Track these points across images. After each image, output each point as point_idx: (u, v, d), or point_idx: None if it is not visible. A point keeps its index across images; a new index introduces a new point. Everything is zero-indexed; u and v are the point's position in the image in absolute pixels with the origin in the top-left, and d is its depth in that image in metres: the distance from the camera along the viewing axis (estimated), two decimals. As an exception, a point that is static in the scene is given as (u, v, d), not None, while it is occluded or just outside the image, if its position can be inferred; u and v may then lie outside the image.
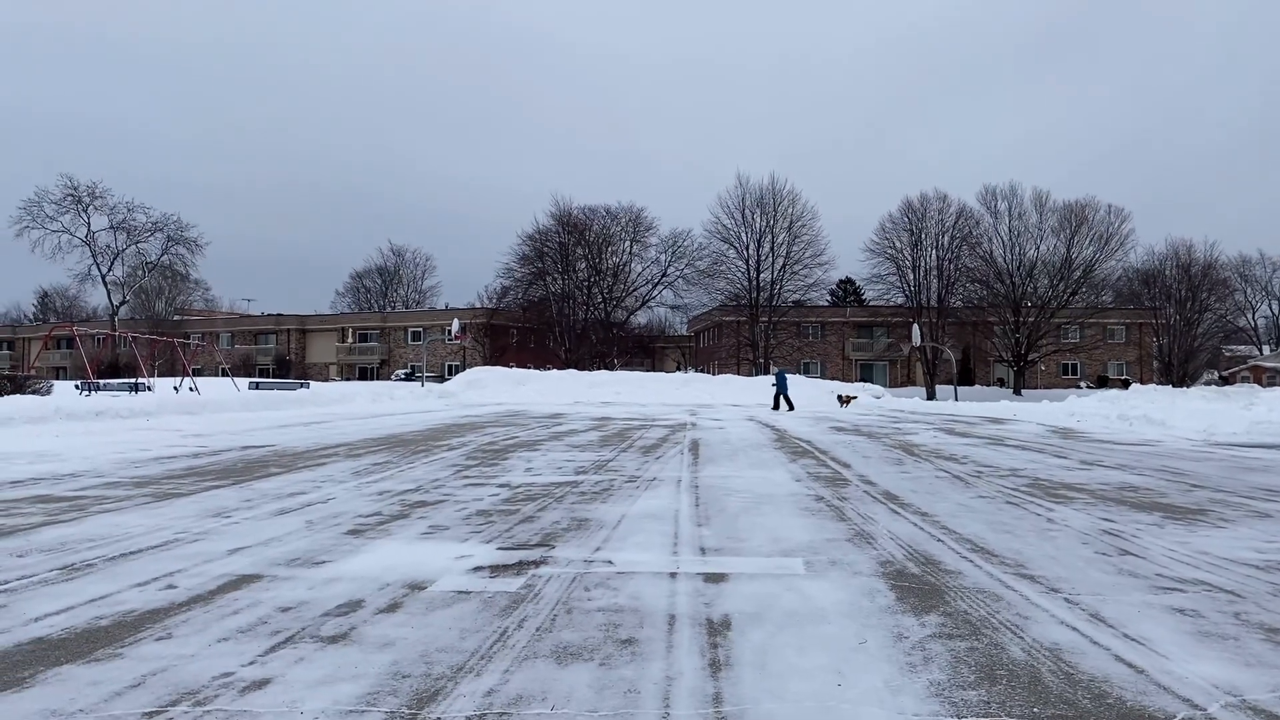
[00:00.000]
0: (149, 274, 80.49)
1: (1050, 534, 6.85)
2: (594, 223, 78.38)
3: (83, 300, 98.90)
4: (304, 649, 3.91)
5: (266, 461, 12.06)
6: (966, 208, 70.50)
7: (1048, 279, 71.47)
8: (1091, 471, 11.30)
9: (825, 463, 12.35)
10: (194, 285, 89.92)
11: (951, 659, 3.79)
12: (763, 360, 69.45)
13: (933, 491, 9.34)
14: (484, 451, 13.85)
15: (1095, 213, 70.53)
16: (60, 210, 73.86)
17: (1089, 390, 52.57)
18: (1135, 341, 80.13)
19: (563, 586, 5.07)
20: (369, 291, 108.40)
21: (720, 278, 73.94)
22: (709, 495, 8.95)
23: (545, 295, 77.49)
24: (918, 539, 6.60)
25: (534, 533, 6.80)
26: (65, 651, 3.87)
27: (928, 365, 68.53)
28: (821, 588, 5.05)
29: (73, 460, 11.95)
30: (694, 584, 5.14)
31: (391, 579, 5.25)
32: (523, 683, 3.49)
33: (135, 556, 5.84)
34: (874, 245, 71.71)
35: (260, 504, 8.19)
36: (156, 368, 51.61)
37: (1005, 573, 5.48)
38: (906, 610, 4.57)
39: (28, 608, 4.57)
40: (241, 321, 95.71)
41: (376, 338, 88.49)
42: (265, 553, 6.00)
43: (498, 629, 4.22)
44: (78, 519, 7.31)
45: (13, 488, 9.23)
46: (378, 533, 6.80)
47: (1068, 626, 4.30)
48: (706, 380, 49.65)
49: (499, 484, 9.80)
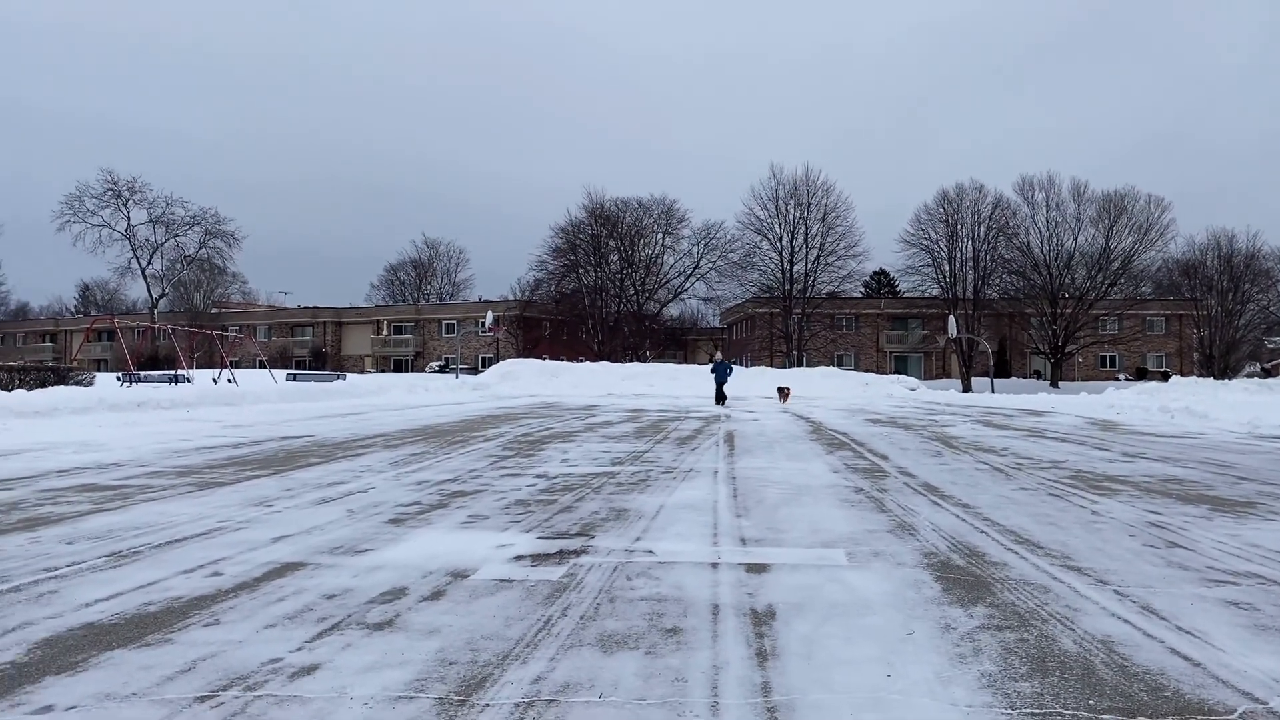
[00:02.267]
0: (187, 267, 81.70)
1: (1096, 526, 6.75)
2: (626, 215, 78.47)
3: (123, 293, 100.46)
4: (350, 635, 3.93)
5: (306, 452, 12.17)
6: (1003, 198, 69.86)
7: (1086, 270, 70.64)
8: (1134, 464, 11.14)
9: (862, 454, 12.27)
10: (232, 278, 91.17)
11: (1002, 650, 3.74)
12: (796, 352, 69.17)
13: (973, 483, 9.25)
14: (520, 442, 13.89)
15: (1134, 203, 69.63)
16: (101, 205, 75.24)
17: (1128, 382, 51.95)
18: (1175, 333, 78.93)
19: (604, 576, 5.07)
20: (403, 284, 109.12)
21: (753, 269, 73.74)
22: (747, 486, 8.92)
23: (578, 288, 77.62)
24: (960, 530, 6.53)
25: (573, 522, 6.80)
26: (116, 636, 3.91)
27: (963, 357, 67.93)
28: (865, 579, 5.01)
29: (116, 450, 12.12)
30: (736, 574, 5.12)
31: (434, 567, 5.26)
32: (569, 670, 3.48)
33: (181, 544, 5.90)
34: (909, 236, 71.26)
35: (301, 493, 8.26)
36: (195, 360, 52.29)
37: (1052, 564, 5.40)
38: (953, 601, 4.52)
39: (78, 593, 4.63)
40: (278, 314, 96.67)
41: (411, 330, 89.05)
42: (308, 541, 6.04)
43: (542, 617, 4.22)
44: (123, 507, 7.40)
45: (59, 476, 9.37)
46: (418, 521, 6.83)
47: (1119, 619, 4.23)
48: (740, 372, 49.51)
49: (536, 474, 9.82)
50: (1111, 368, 77.13)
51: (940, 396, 38.53)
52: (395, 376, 54.74)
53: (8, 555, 5.52)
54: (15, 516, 6.91)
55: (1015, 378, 71.10)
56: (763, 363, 66.51)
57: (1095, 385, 50.03)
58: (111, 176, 75.21)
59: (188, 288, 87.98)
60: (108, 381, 30.53)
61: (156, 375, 40.59)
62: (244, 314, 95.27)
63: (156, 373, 45.21)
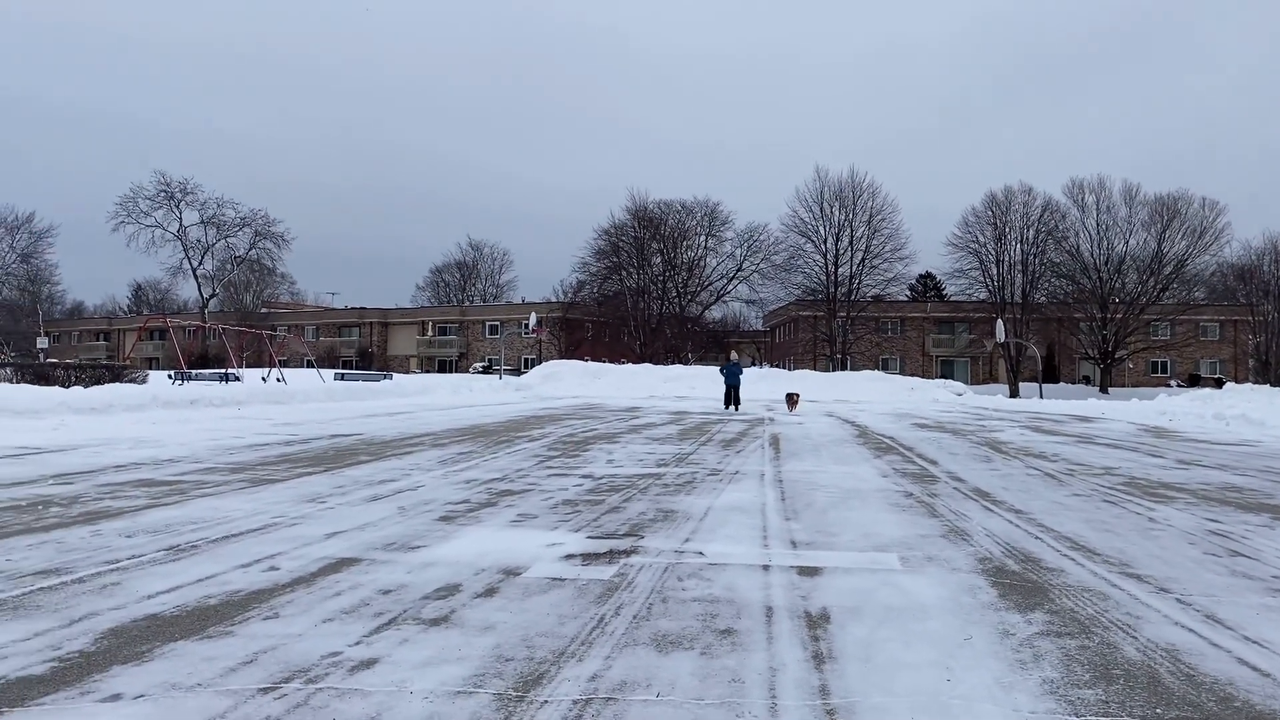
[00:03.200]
0: (238, 268, 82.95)
1: (1153, 533, 6.63)
2: (669, 217, 78.38)
3: (174, 293, 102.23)
4: (407, 631, 3.96)
5: (355, 450, 12.30)
6: (1052, 201, 68.79)
7: (1137, 274, 69.36)
8: (1190, 471, 10.93)
9: (911, 459, 12.15)
10: (280, 279, 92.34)
11: (1063, 657, 3.68)
12: (840, 355, 68.70)
13: (1025, 489, 9.12)
14: (564, 443, 13.93)
15: (1188, 206, 68.23)
16: (154, 206, 76.62)
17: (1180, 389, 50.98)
18: (1230, 339, 77.27)
19: (655, 576, 5.06)
20: (448, 286, 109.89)
21: (797, 272, 73.23)
22: (794, 489, 8.87)
23: (620, 289, 77.69)
24: (1014, 536, 6.45)
25: (621, 523, 6.81)
26: (179, 628, 3.98)
27: (1011, 362, 67.06)
28: (919, 583, 4.95)
29: (171, 446, 12.33)
30: (788, 577, 5.09)
31: (486, 564, 5.30)
32: (625, 669, 3.48)
33: (237, 539, 5.99)
34: (956, 239, 70.41)
35: (352, 490, 8.35)
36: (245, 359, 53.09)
37: (1110, 571, 5.31)
38: (1010, 607, 4.46)
39: (139, 586, 4.71)
40: (325, 315, 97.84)
41: (455, 331, 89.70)
42: (361, 537, 6.10)
43: (595, 615, 4.23)
44: (179, 502, 7.53)
45: (117, 471, 9.55)
46: (468, 519, 6.88)
47: (1183, 627, 4.15)
48: (782, 375, 49.27)
49: (582, 474, 9.84)
50: (1163, 374, 75.70)
51: (987, 402, 38.05)
52: (440, 377, 55.15)
53: (71, 548, 5.64)
54: (76, 510, 7.06)
55: (1064, 383, 70.02)
56: (806, 366, 66.15)
57: (1146, 391, 49.12)
58: (164, 178, 76.65)
59: (237, 288, 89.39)
60: (160, 379, 31.09)
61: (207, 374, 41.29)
62: (292, 314, 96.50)
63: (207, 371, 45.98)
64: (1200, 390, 34.75)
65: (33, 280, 79.43)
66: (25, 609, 4.24)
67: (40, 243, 77.50)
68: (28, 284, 78.96)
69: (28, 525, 6.38)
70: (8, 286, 77.66)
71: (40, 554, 5.44)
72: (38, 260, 78.62)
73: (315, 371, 44.87)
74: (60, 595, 4.50)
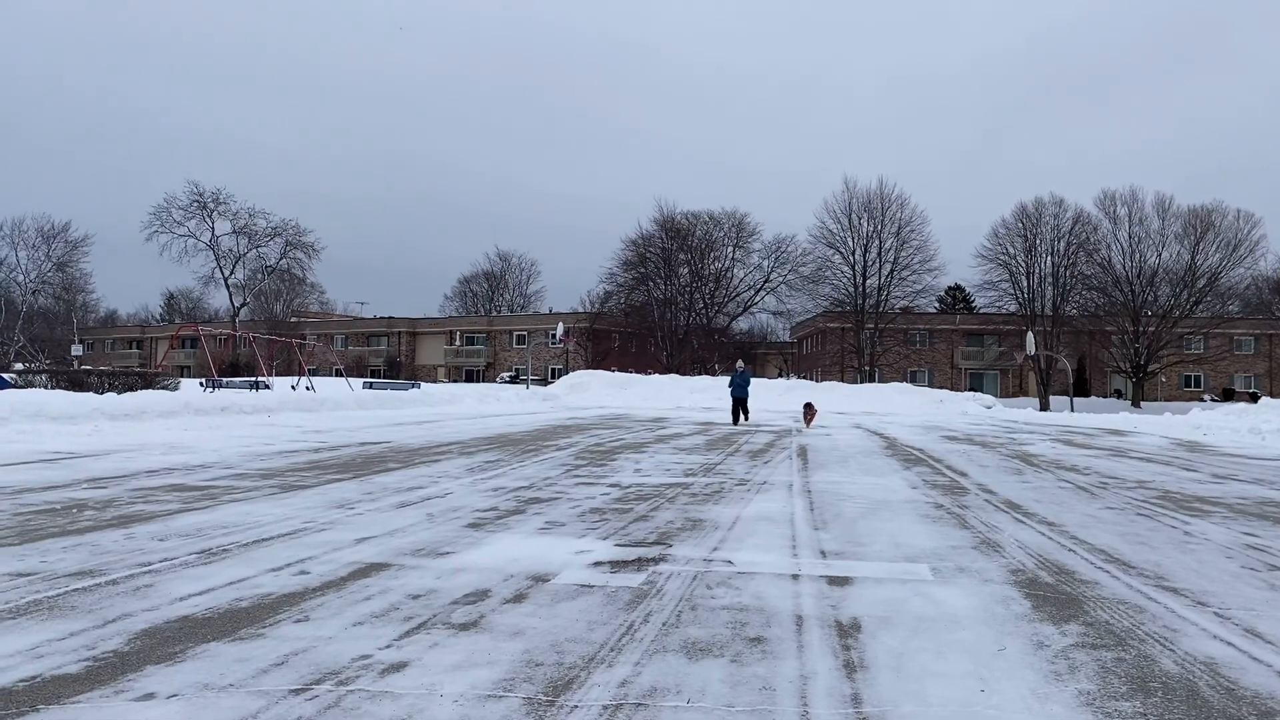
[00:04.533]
0: (268, 277, 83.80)
1: (1189, 547, 6.53)
2: (697, 228, 78.40)
3: (206, 302, 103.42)
4: (437, 635, 3.97)
5: (384, 457, 12.36)
6: (1083, 213, 68.20)
7: (1169, 287, 68.62)
8: (1226, 485, 10.77)
9: (941, 471, 12.06)
10: (310, 288, 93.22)
11: (1099, 669, 3.63)
12: (868, 368, 68.36)
13: (1057, 501, 9.02)
14: (591, 452, 13.93)
15: (1222, 218, 67.50)
16: (187, 216, 77.63)
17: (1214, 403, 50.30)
18: (1265, 353, 76.20)
19: (684, 584, 5.04)
20: (476, 295, 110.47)
21: (825, 283, 73.00)
22: (823, 500, 8.82)
23: (647, 300, 77.75)
24: (1047, 548, 6.37)
25: (649, 531, 6.79)
26: (211, 630, 4.00)
27: (1041, 375, 66.44)
28: (951, 594, 4.90)
29: (202, 452, 12.45)
30: (818, 586, 5.05)
31: (515, 571, 5.30)
32: (655, 675, 3.47)
33: (268, 543, 6.03)
34: (986, 251, 69.93)
35: (381, 497, 8.39)
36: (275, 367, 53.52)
37: (1145, 584, 5.24)
38: (1044, 619, 4.40)
39: (172, 588, 4.75)
40: (354, 324, 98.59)
41: (483, 340, 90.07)
42: (391, 542, 6.12)
43: (624, 622, 4.21)
44: (211, 507, 7.60)
45: (149, 476, 9.65)
46: (496, 526, 6.89)
47: (1222, 641, 4.08)
48: (810, 387, 49.09)
49: (609, 483, 9.84)
50: (1196, 388, 74.74)
51: (1017, 415, 37.70)
52: (467, 386, 55.40)
53: (105, 550, 5.70)
54: (110, 514, 7.13)
55: (1095, 397, 69.31)
56: (833, 378, 65.85)
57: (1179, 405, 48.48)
58: (198, 188, 77.66)
59: (268, 297, 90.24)
60: (192, 387, 31.42)
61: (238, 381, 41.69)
62: (321, 323, 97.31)
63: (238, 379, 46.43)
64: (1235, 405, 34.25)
65: (68, 289, 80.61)
66: (61, 609, 4.29)
67: (75, 251, 78.71)
68: (63, 292, 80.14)
69: (63, 528, 6.46)
70: (44, 295, 78.85)
71: (75, 556, 5.50)
72: (73, 269, 79.85)
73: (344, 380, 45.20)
74: (94, 596, 4.54)
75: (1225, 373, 75.10)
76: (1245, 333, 75.68)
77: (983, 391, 63.37)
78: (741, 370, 25.51)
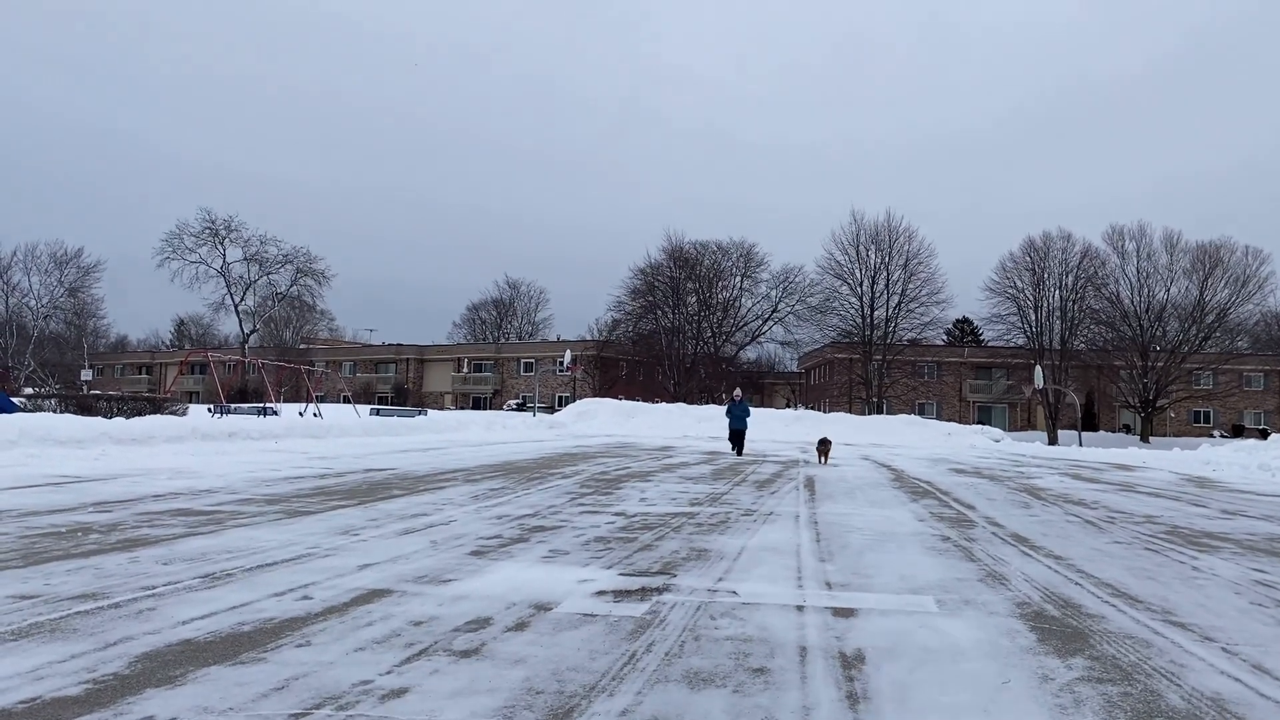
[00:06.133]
0: (278, 304, 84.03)
1: (1197, 582, 6.48)
2: (705, 257, 78.60)
3: (215, 328, 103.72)
4: (438, 661, 3.95)
5: (389, 484, 12.36)
6: (1092, 247, 68.20)
7: (1178, 322, 68.42)
8: (1235, 521, 10.70)
9: (948, 503, 12.00)
10: (320, 315, 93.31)
11: (1105, 703, 3.60)
12: (875, 399, 68.23)
13: (1064, 535, 8.97)
14: (597, 480, 13.91)
15: (1231, 254, 67.38)
16: (199, 243, 78.03)
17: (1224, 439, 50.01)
18: (1275, 390, 75.86)
19: (688, 614, 5.02)
20: (484, 323, 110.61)
21: (832, 314, 73.03)
22: (830, 531, 8.78)
23: (655, 329, 77.86)
24: (1054, 582, 6.33)
25: (654, 560, 6.77)
26: (212, 653, 3.99)
27: (1049, 409, 66.20)
28: (957, 626, 4.87)
29: (208, 477, 12.46)
30: (822, 617, 5.03)
31: (517, 599, 5.28)
32: (656, 705, 3.45)
33: (271, 569, 6.02)
34: (994, 284, 69.92)
35: (386, 523, 8.38)
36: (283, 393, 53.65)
37: (1152, 619, 5.20)
38: (1049, 652, 4.37)
39: (175, 612, 4.74)
40: (363, 351, 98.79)
41: (490, 368, 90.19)
42: (394, 569, 6.11)
43: (626, 652, 4.19)
44: (216, 531, 7.59)
45: (155, 500, 9.66)
46: (500, 554, 6.87)
47: (1229, 677, 4.04)
48: (817, 418, 48.99)
49: (614, 512, 9.81)
50: (1205, 424, 74.39)
51: (1025, 449, 37.55)
52: (474, 414, 55.40)
53: (108, 574, 5.70)
54: (115, 537, 7.13)
55: (1103, 431, 68.99)
56: (841, 409, 65.70)
57: (1188, 441, 48.23)
58: (210, 215, 78.12)
59: (278, 324, 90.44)
60: (200, 412, 31.47)
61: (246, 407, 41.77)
62: (330, 350, 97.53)
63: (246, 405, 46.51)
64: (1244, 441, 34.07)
65: (79, 314, 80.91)
66: (63, 632, 4.29)
67: (87, 277, 79.09)
68: (74, 317, 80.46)
69: (67, 551, 6.46)
70: (55, 320, 79.19)
71: (79, 579, 5.50)
72: (84, 294, 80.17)
73: (351, 407, 45.25)
74: (97, 619, 4.54)
75: (1235, 409, 74.76)
76: (1255, 369, 75.40)
77: (991, 425, 63.08)
78: (739, 399, 23.99)
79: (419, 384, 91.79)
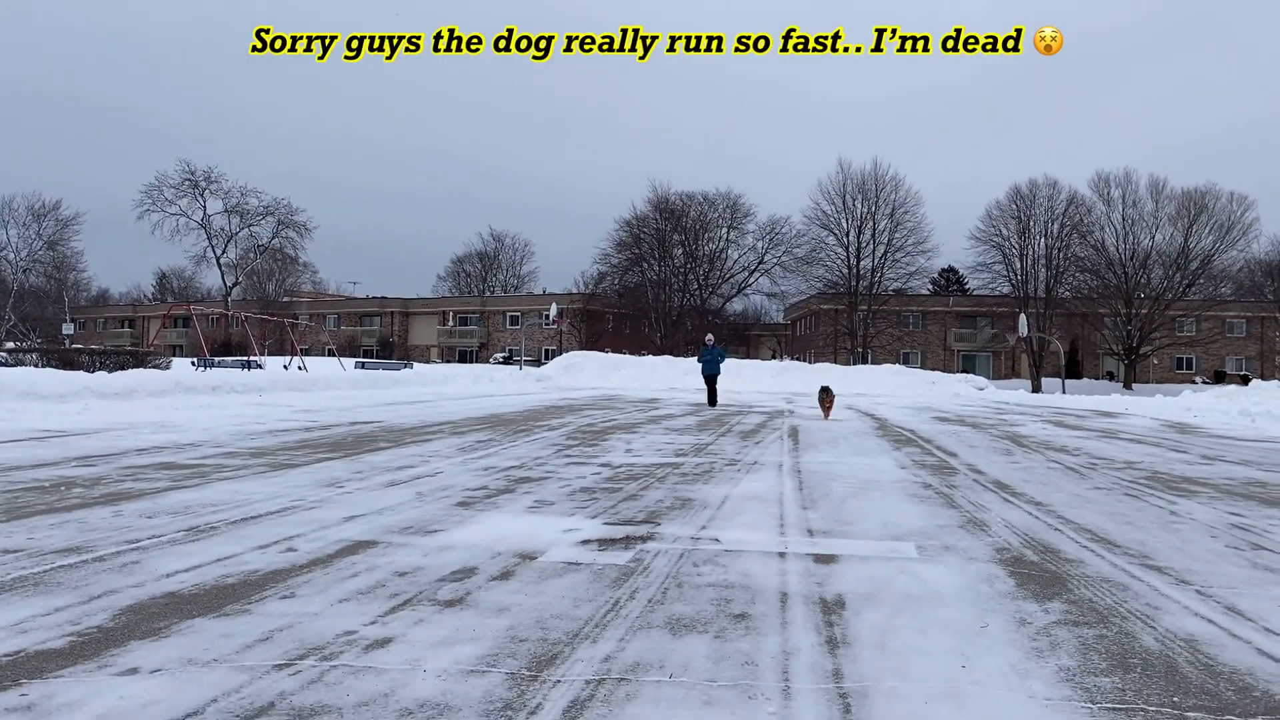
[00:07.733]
0: (260, 256, 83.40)
1: (1175, 526, 6.57)
2: (691, 209, 78.30)
3: (198, 281, 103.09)
4: (422, 611, 3.98)
5: (375, 436, 12.36)
6: (1078, 195, 68.25)
7: (1162, 269, 68.74)
8: (1214, 466, 10.82)
9: (930, 451, 12.10)
10: (302, 268, 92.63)
11: (1080, 646, 3.65)
12: (861, 349, 68.46)
13: (1045, 482, 9.06)
14: (583, 432, 13.94)
15: (1216, 200, 67.52)
16: (178, 194, 77.12)
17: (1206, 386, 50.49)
18: (1257, 336, 76.43)
19: (671, 561, 5.06)
20: (469, 276, 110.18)
21: (819, 265, 73.12)
22: (812, 480, 8.84)
23: (641, 281, 77.70)
24: (1034, 527, 6.40)
25: (638, 510, 6.81)
26: (196, 606, 4.01)
27: (1033, 357, 66.63)
28: (937, 572, 4.93)
29: (192, 431, 12.44)
30: (804, 564, 5.08)
31: (502, 549, 5.31)
32: (639, 651, 3.48)
33: (256, 521, 6.03)
34: (980, 232, 70.02)
35: (371, 475, 8.39)
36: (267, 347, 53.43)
37: (1130, 563, 5.27)
38: (1028, 596, 4.43)
39: (158, 565, 4.75)
40: (347, 304, 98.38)
41: (476, 321, 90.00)
42: (379, 521, 6.13)
43: (610, 599, 4.23)
44: (200, 485, 7.59)
45: (139, 455, 9.64)
46: (486, 505, 6.90)
47: (1202, 618, 4.11)
48: (803, 369, 49.14)
49: (600, 463, 9.85)
50: (1188, 370, 75.02)
51: (1009, 396, 37.81)
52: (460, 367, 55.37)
53: (92, 528, 5.70)
54: (98, 491, 7.13)
55: (1087, 379, 69.51)
56: (826, 360, 65.90)
57: (1170, 388, 48.63)
58: (189, 166, 77.11)
59: (260, 276, 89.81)
60: (183, 366, 31.34)
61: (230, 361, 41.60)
62: (314, 303, 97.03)
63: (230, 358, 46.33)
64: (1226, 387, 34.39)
65: (58, 267, 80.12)
66: (46, 585, 4.29)
67: (66, 230, 78.16)
68: (54, 271, 79.68)
69: (50, 505, 6.45)
70: (34, 273, 78.40)
71: (62, 533, 5.50)
72: (63, 247, 79.27)
73: (336, 360, 45.12)
74: (81, 573, 4.54)
75: (1217, 355, 75.37)
76: (1237, 315, 75.90)
77: (975, 373, 63.43)
78: (711, 344, 23.45)
79: (404, 337, 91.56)
